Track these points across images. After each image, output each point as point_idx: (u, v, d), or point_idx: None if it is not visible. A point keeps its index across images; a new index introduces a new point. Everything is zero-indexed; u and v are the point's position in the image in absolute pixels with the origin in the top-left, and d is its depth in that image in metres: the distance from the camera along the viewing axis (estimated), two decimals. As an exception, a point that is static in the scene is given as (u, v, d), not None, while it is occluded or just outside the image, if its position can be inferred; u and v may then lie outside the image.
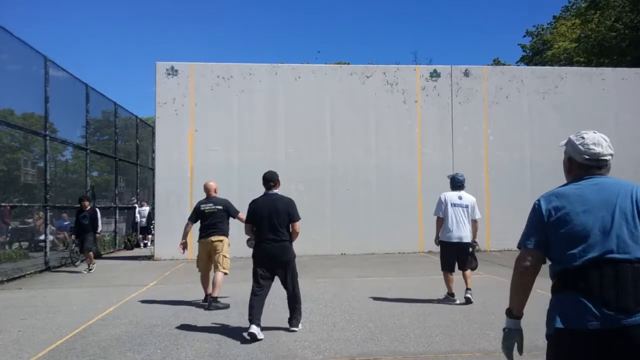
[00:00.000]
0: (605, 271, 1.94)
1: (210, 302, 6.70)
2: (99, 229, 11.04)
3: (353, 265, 10.88)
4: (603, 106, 14.30)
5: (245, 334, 5.10)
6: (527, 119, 14.04)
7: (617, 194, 2.06)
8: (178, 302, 7.12)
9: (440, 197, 6.86)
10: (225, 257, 6.91)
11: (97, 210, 11.13)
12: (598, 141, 2.16)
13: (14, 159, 11.75)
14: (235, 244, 7.81)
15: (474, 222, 6.80)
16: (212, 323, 5.83)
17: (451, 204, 6.71)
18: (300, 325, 5.55)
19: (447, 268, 6.76)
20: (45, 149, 10.81)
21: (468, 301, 6.57)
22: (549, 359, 2.10)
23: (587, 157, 2.15)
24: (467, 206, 6.73)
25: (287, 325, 5.50)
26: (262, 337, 5.05)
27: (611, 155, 2.17)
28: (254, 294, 5.31)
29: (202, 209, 6.98)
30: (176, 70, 13.17)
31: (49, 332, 5.54)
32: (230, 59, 61.78)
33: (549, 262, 2.15)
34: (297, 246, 6.11)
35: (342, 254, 12.81)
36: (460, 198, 6.75)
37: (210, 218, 6.91)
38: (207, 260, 7.01)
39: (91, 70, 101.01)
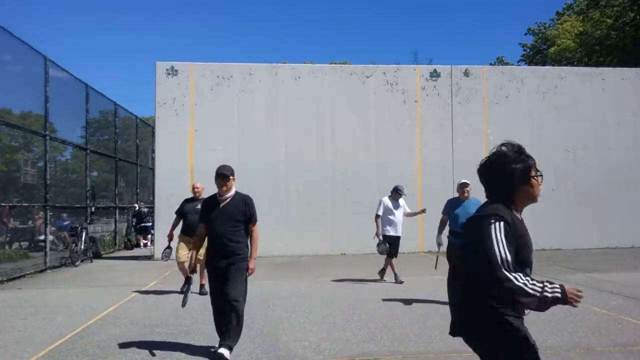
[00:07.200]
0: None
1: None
2: None
3: (353, 265, 10.87)
4: (603, 106, 14.29)
5: None
6: (527, 119, 14.02)
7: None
8: (178, 302, 7.10)
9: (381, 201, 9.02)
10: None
11: None
12: None
13: (13, 159, 11.72)
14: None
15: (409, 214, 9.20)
16: (212, 323, 5.81)
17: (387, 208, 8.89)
18: None
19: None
20: (45, 149, 10.79)
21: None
22: None
23: None
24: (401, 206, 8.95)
25: (286, 325, 5.61)
26: None
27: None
28: None
29: None
30: (176, 70, 13.16)
31: (49, 332, 5.54)
32: (230, 59, 61.70)
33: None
34: (297, 246, 6.17)
35: (342, 254, 12.80)
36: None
37: None
38: None
39: (91, 70, 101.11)
